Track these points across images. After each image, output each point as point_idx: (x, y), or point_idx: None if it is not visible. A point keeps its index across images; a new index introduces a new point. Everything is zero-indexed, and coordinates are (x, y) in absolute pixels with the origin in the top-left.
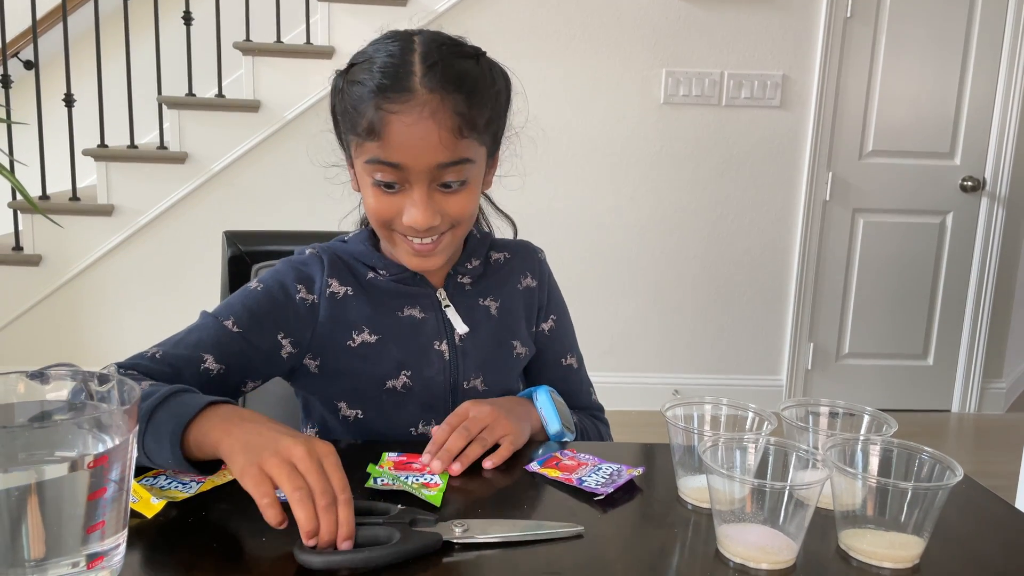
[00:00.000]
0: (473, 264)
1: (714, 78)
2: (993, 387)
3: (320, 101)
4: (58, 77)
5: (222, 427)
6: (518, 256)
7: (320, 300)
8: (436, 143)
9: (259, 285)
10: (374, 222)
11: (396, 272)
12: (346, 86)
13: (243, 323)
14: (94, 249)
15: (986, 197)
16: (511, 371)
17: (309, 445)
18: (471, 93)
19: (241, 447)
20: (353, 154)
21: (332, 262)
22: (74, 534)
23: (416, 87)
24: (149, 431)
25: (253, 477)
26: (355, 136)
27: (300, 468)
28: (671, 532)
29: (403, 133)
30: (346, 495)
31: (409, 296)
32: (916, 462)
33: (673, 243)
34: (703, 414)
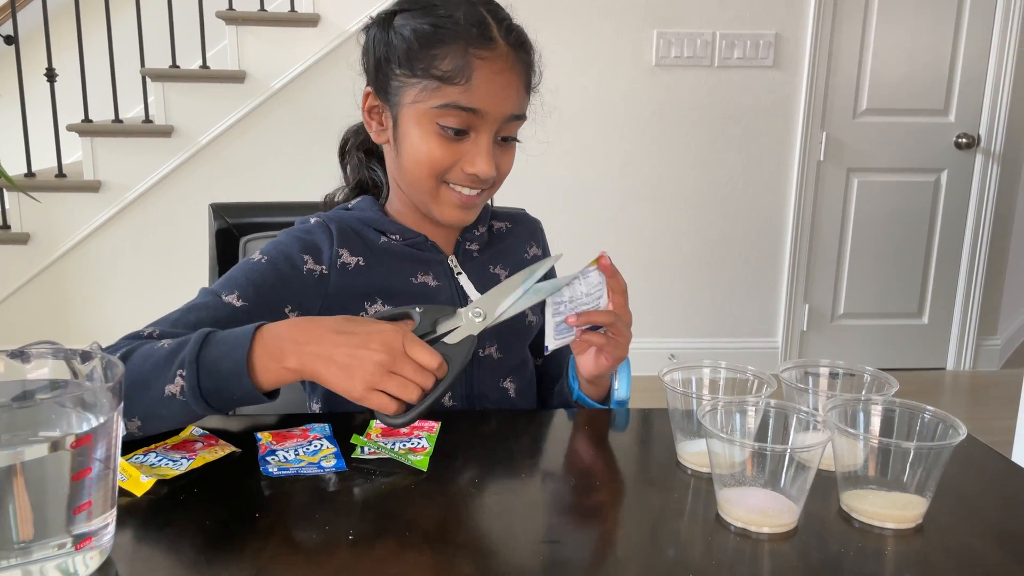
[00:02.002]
0: (480, 231)
1: (706, 39)
2: (988, 344)
3: (307, 70)
4: (39, 51)
5: (292, 352)
6: (520, 226)
7: (330, 271)
8: (514, 94)
9: (263, 257)
10: (426, 171)
11: (409, 237)
12: (401, 30)
13: (247, 296)
14: (82, 226)
15: (981, 154)
16: (524, 339)
17: (387, 346)
18: (531, 54)
19: (330, 370)
20: (408, 99)
21: (341, 231)
22: (59, 515)
23: (498, 39)
24: (203, 375)
25: (372, 400)
26: (425, 79)
27: (397, 370)
28: (670, 497)
29: (490, 80)
30: (436, 362)
31: (422, 262)
32: (918, 421)
33: (666, 207)
34: (701, 378)
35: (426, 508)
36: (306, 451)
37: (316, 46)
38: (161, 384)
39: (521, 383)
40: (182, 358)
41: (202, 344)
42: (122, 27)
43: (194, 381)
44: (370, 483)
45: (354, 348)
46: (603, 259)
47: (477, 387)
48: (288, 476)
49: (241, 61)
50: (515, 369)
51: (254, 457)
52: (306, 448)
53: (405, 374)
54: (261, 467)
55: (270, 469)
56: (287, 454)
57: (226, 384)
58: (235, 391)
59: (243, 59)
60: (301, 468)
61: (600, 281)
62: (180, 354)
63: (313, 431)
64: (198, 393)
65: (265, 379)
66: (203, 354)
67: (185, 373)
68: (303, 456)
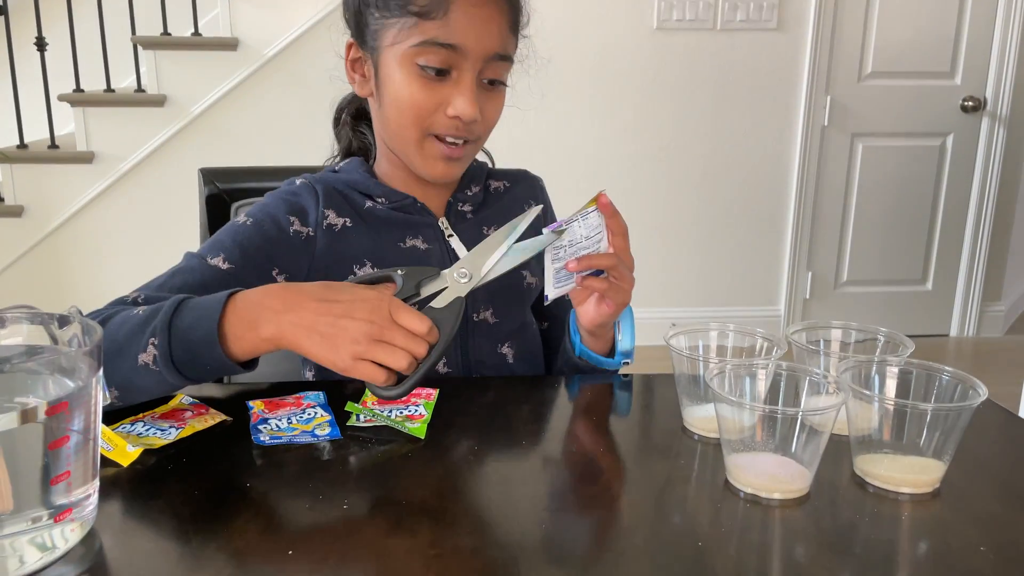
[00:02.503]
0: (473, 191)
1: (709, 0)
2: (992, 310)
3: (301, 37)
4: (28, 21)
5: (269, 321)
6: (519, 184)
7: (317, 232)
8: (496, 30)
9: (248, 219)
10: (409, 120)
11: (396, 200)
12: None
13: (233, 259)
14: (76, 197)
15: (987, 117)
16: (522, 302)
17: (375, 312)
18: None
19: (312, 340)
20: (386, 41)
21: (327, 192)
22: (34, 486)
23: None
24: (176, 345)
25: (359, 369)
26: (400, 17)
27: (386, 338)
28: (677, 463)
29: (469, 14)
30: (425, 326)
31: (410, 226)
32: (936, 383)
33: (668, 172)
34: (708, 342)
35: (424, 477)
36: (299, 419)
37: (310, 12)
38: (134, 352)
39: (521, 348)
40: (154, 326)
41: (174, 311)
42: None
43: (166, 350)
44: (366, 451)
45: (337, 317)
46: (602, 198)
47: (474, 353)
48: (281, 444)
49: (234, 28)
50: (513, 333)
51: (245, 426)
52: (299, 416)
53: (395, 342)
54: (253, 436)
55: (262, 438)
56: (280, 422)
57: (198, 354)
58: (208, 361)
59: (236, 26)
60: (294, 436)
61: (600, 223)
62: (153, 322)
63: (307, 399)
64: (170, 362)
65: (238, 348)
66: (175, 322)
67: (157, 341)
68: (296, 424)
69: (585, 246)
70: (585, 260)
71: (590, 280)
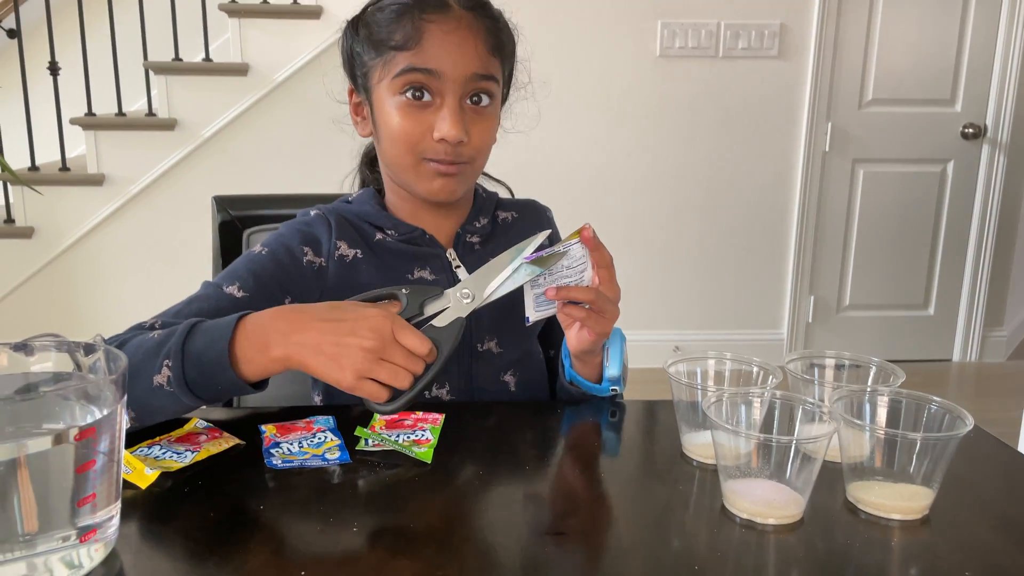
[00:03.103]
0: (481, 223)
1: (710, 29)
2: (994, 335)
3: (311, 62)
4: (42, 45)
5: (277, 343)
6: (527, 214)
7: (328, 263)
8: (472, 51)
9: (263, 249)
10: (401, 149)
11: (405, 232)
12: (365, 20)
13: (248, 287)
14: (86, 220)
15: (987, 144)
16: (527, 332)
17: (375, 333)
18: (496, 20)
19: (318, 359)
20: (375, 79)
21: (339, 223)
22: (64, 508)
23: (452, 4)
24: (189, 366)
25: (361, 388)
26: (382, 55)
27: (387, 357)
28: (676, 489)
29: (442, 39)
30: (426, 348)
31: (418, 257)
32: (925, 412)
33: (671, 198)
34: (706, 369)
35: (430, 500)
36: (310, 443)
37: (319, 38)
38: (149, 374)
39: (524, 377)
40: (168, 348)
41: (187, 334)
42: (124, 20)
43: (179, 371)
44: (374, 475)
45: (342, 336)
46: (585, 231)
47: (477, 381)
48: (292, 468)
49: (244, 54)
50: (517, 363)
51: (258, 449)
52: (310, 440)
53: (395, 361)
54: (265, 459)
55: (274, 461)
56: (291, 446)
57: (210, 375)
58: (220, 382)
59: (246, 52)
60: (305, 460)
61: (584, 254)
62: (167, 344)
63: (317, 423)
64: (183, 384)
65: (249, 370)
66: (188, 344)
67: (171, 363)
68: (307, 448)
69: (566, 275)
70: (564, 291)
71: (570, 308)
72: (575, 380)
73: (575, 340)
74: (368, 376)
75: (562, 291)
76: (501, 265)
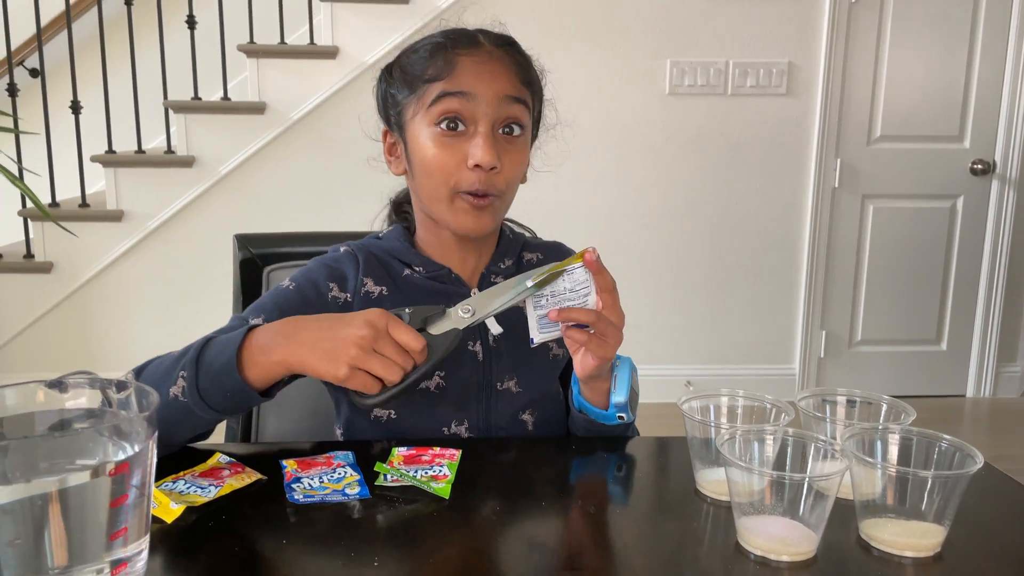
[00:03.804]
0: (506, 264)
1: (719, 67)
2: (1008, 371)
3: (326, 100)
4: (64, 84)
5: (279, 345)
6: (552, 256)
7: (354, 299)
8: (503, 77)
9: (291, 284)
10: (437, 181)
11: (432, 269)
12: (400, 63)
13: (272, 319)
14: (105, 255)
15: (996, 180)
16: (548, 372)
17: (370, 324)
18: (525, 56)
19: (315, 355)
20: (410, 115)
21: (367, 260)
22: (98, 541)
23: (482, 42)
24: (201, 375)
25: (354, 378)
26: (416, 90)
27: (379, 349)
28: (690, 525)
29: (474, 67)
30: (419, 347)
31: (444, 295)
32: (936, 450)
33: (682, 233)
34: (719, 406)
35: (449, 536)
36: (330, 478)
37: (334, 78)
38: (167, 386)
39: (542, 416)
40: (184, 361)
41: (203, 347)
42: (146, 60)
43: (193, 381)
44: (393, 510)
45: (338, 330)
46: (587, 255)
47: (495, 419)
48: (313, 503)
49: (261, 93)
50: (536, 402)
51: (280, 484)
52: (330, 475)
53: (387, 353)
54: (287, 494)
55: (296, 496)
56: (312, 481)
57: (219, 382)
58: (228, 388)
59: (263, 91)
60: (326, 495)
61: (587, 278)
62: (184, 358)
63: (337, 458)
64: (196, 392)
65: (254, 374)
66: (202, 355)
67: (185, 373)
68: (327, 483)
69: (569, 298)
70: (566, 312)
71: (572, 331)
72: (583, 407)
73: (579, 365)
74: (361, 366)
75: (563, 312)
76: (507, 287)
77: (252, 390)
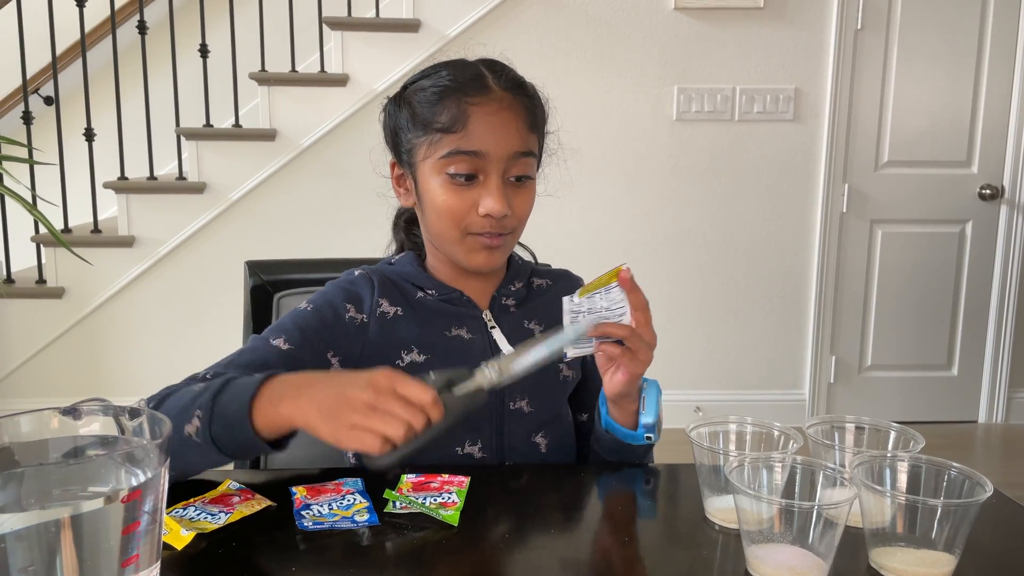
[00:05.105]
0: (516, 287)
1: (726, 93)
2: (1020, 396)
3: (336, 128)
4: (78, 112)
5: (289, 398)
6: (561, 283)
7: (370, 320)
8: (514, 131)
9: (308, 306)
10: (447, 223)
11: (445, 293)
12: (407, 98)
13: (293, 340)
14: (116, 280)
15: (1005, 205)
16: (558, 394)
17: (375, 383)
18: (532, 96)
19: (318, 415)
20: (420, 156)
21: (382, 282)
22: (110, 568)
23: (492, 86)
24: (215, 419)
25: (354, 437)
26: (428, 135)
27: (382, 407)
28: (699, 553)
29: (485, 122)
30: (429, 396)
31: (456, 317)
32: (945, 478)
33: (690, 259)
34: (728, 433)
35: (457, 563)
36: (340, 505)
37: (344, 105)
38: (183, 423)
39: (554, 438)
40: (202, 400)
41: (220, 388)
42: (158, 88)
43: (207, 423)
44: (402, 537)
45: (343, 389)
46: (623, 274)
47: (508, 440)
48: (323, 530)
49: (272, 120)
50: (547, 424)
51: (289, 511)
52: (340, 502)
53: (392, 410)
54: (296, 521)
55: (305, 523)
56: (321, 508)
57: (231, 429)
58: (238, 434)
59: (274, 118)
60: (335, 522)
61: (622, 297)
62: (201, 397)
63: (346, 485)
64: (208, 435)
65: (262, 423)
66: (218, 397)
67: (200, 414)
68: (337, 510)
69: (605, 316)
70: (602, 327)
71: (606, 346)
72: (610, 427)
73: (610, 383)
74: (362, 425)
75: (600, 327)
76: (535, 343)
77: (262, 442)
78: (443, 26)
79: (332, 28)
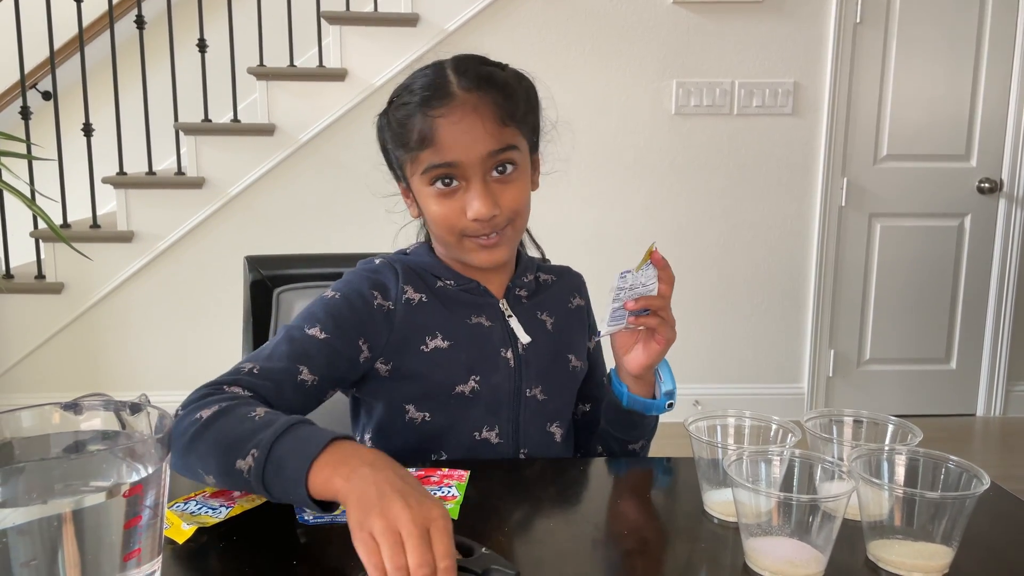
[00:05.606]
0: (528, 279)
1: (725, 87)
2: (1018, 390)
3: (335, 122)
4: (76, 107)
5: (344, 472)
6: (564, 279)
7: (396, 307)
8: (482, 134)
9: (335, 294)
10: (443, 230)
11: (462, 283)
12: (391, 115)
13: (329, 330)
14: (115, 275)
15: (1004, 198)
16: (569, 383)
17: (420, 511)
18: (503, 87)
19: (356, 501)
20: (409, 173)
21: (405, 271)
22: (111, 562)
23: (455, 91)
24: (270, 464)
25: (364, 544)
26: (408, 152)
27: (404, 537)
28: (698, 547)
29: (451, 132)
30: (446, 563)
31: (476, 305)
32: (942, 471)
33: (689, 253)
34: (726, 427)
35: None
36: None
37: (343, 100)
38: (236, 455)
39: (565, 429)
40: (260, 438)
41: (282, 432)
42: (157, 83)
43: (262, 464)
44: None
45: (389, 491)
46: (656, 253)
47: (524, 426)
48: (324, 524)
49: (271, 115)
50: (560, 413)
51: (290, 505)
52: None
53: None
54: (297, 515)
55: (306, 517)
56: None
57: (284, 483)
58: (291, 491)
59: (272, 113)
60: (336, 516)
61: (653, 273)
62: (262, 433)
63: None
64: (260, 478)
65: (316, 481)
66: (279, 443)
67: (257, 454)
68: None
69: (641, 291)
70: (641, 300)
71: (643, 319)
72: (633, 402)
73: (642, 355)
74: (370, 529)
75: (640, 300)
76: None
77: (315, 504)
78: (442, 20)
79: (330, 22)
